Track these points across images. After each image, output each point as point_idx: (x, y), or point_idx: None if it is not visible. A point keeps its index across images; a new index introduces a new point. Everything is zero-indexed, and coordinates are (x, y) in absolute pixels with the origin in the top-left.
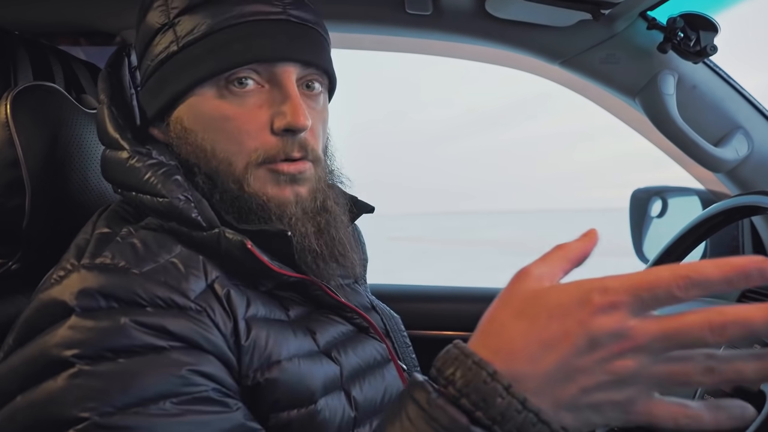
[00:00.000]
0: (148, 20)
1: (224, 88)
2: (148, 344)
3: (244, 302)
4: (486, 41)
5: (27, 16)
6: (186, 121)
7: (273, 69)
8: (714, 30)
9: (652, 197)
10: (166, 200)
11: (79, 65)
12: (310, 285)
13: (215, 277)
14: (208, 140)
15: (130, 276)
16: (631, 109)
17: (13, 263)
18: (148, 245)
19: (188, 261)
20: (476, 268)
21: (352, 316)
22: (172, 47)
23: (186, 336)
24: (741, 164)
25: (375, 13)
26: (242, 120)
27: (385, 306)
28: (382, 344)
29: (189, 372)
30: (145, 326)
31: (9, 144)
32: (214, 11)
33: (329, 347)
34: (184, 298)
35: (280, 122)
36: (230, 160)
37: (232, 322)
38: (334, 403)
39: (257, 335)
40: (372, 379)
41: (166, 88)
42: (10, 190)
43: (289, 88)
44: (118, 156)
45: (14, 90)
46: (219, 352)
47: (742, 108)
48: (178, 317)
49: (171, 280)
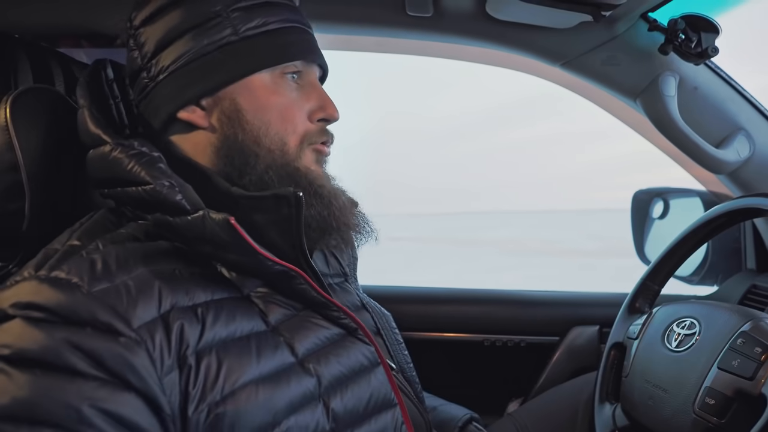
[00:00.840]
0: (186, 9)
1: (279, 77)
2: (69, 367)
3: (198, 331)
4: (487, 43)
5: (29, 19)
6: (243, 103)
7: (307, 68)
8: (715, 31)
9: (654, 198)
10: (150, 187)
11: (79, 68)
12: (295, 277)
13: (170, 307)
14: (264, 121)
15: (77, 294)
16: (632, 111)
17: (12, 266)
18: (108, 263)
19: (142, 286)
20: (476, 270)
21: (339, 315)
22: (229, 37)
23: (113, 366)
24: (742, 166)
25: (376, 15)
26: (294, 106)
27: (375, 303)
28: (371, 347)
29: (89, 408)
30: (77, 348)
31: (8, 148)
32: (269, 12)
33: (308, 357)
34: (125, 325)
35: (320, 113)
36: (285, 139)
37: (173, 359)
38: (305, 420)
39: (208, 367)
40: (355, 387)
41: (221, 71)
42: (10, 193)
43: (319, 86)
44: (101, 151)
45: (14, 93)
46: (145, 389)
47: (743, 109)
48: (112, 343)
49: (118, 304)
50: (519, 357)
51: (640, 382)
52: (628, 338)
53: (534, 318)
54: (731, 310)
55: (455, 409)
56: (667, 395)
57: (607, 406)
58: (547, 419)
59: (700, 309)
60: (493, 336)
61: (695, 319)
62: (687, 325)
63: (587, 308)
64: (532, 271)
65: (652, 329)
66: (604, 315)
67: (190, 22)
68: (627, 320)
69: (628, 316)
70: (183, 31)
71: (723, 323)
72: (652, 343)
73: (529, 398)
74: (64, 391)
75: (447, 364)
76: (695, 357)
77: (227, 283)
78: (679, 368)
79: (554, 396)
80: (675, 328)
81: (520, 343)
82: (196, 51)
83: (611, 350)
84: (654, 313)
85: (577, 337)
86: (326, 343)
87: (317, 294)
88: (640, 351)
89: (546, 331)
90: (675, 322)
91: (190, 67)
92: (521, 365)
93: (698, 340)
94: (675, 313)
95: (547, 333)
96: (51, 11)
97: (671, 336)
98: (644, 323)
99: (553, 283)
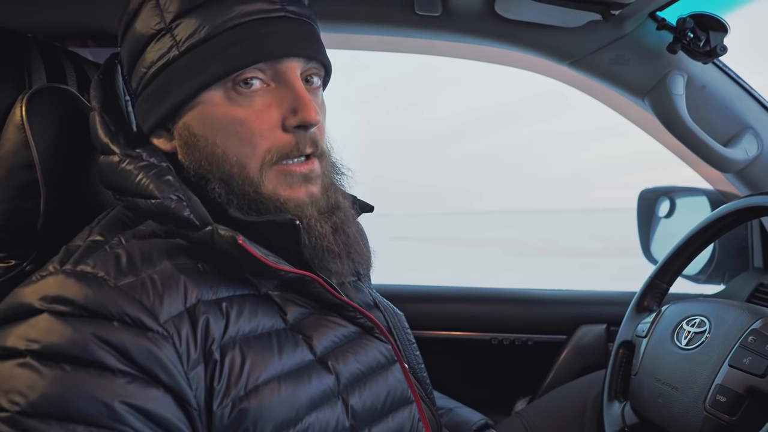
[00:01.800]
0: (137, 27)
1: (232, 90)
2: (98, 362)
3: (222, 325)
4: (495, 42)
5: (33, 19)
6: (195, 127)
7: (278, 66)
8: (724, 30)
9: (660, 197)
10: (158, 201)
11: (90, 67)
12: (310, 282)
13: (195, 301)
14: (219, 144)
15: (104, 288)
16: (640, 110)
17: (27, 264)
18: (132, 258)
19: (168, 280)
20: (479, 269)
21: (356, 315)
22: (172, 52)
23: (141, 360)
24: (750, 164)
25: (384, 14)
26: (253, 121)
27: (388, 303)
28: (387, 345)
29: (121, 405)
30: (104, 342)
31: (24, 146)
32: (214, 13)
33: (327, 354)
34: (152, 320)
35: (293, 119)
36: (243, 162)
37: (199, 353)
38: (325, 417)
39: (232, 362)
40: (373, 384)
41: (169, 94)
42: (26, 191)
43: (296, 85)
44: (111, 160)
45: (29, 92)
46: (173, 383)
47: (751, 108)
48: (140, 338)
49: (145, 299)
50: (526, 355)
51: (649, 380)
52: (637, 336)
53: (541, 316)
54: (741, 308)
55: (470, 414)
56: (677, 393)
57: (615, 404)
58: (555, 417)
59: (709, 307)
60: (500, 334)
61: (705, 317)
62: (697, 323)
63: (594, 307)
64: (535, 270)
65: (662, 327)
66: (611, 313)
67: (142, 40)
68: (635, 318)
69: (636, 315)
70: (139, 51)
71: (733, 321)
72: (662, 341)
73: (536, 397)
74: (94, 387)
75: (454, 363)
76: (706, 355)
77: (247, 281)
78: (690, 366)
79: (562, 394)
80: (685, 326)
81: (527, 342)
82: (149, 74)
83: (620, 348)
84: (663, 311)
85: (585, 335)
86: (344, 341)
87: (333, 296)
88: (649, 349)
89: (553, 329)
90: (684, 320)
91: (147, 92)
92: (529, 364)
93: (708, 338)
94: (684, 311)
95: (555, 331)
96: (58, 10)
97: (681, 334)
98: (653, 321)
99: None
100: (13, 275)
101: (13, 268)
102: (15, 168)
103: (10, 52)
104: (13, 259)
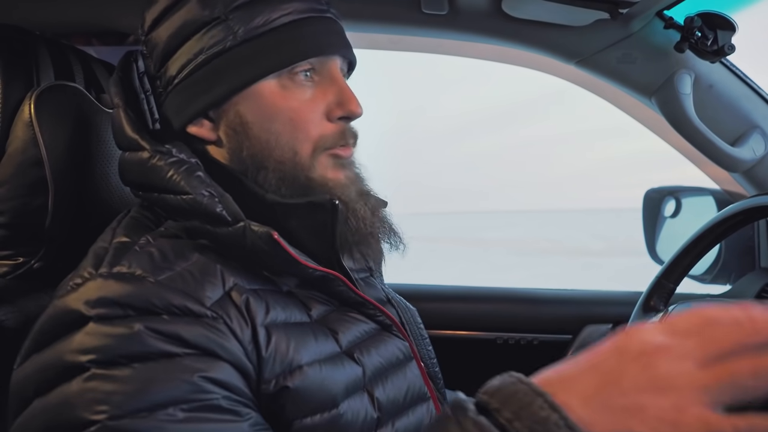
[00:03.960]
0: (183, 15)
1: (287, 79)
2: (162, 351)
3: (263, 308)
4: (502, 41)
5: (38, 17)
6: (247, 115)
7: (325, 62)
8: (731, 29)
9: (666, 197)
10: (189, 197)
11: (98, 65)
12: (333, 280)
13: (233, 284)
14: (272, 131)
15: (146, 284)
16: (647, 109)
17: (35, 262)
18: (165, 254)
19: (204, 269)
20: (484, 270)
21: (375, 313)
22: (228, 41)
23: (199, 343)
24: (758, 164)
25: (391, 13)
26: (305, 110)
27: (401, 298)
28: (405, 342)
29: (200, 379)
30: (159, 333)
31: (33, 144)
32: (272, 8)
33: (352, 347)
34: (199, 305)
35: (338, 110)
36: (296, 148)
37: (250, 329)
38: (356, 405)
39: (278, 341)
40: (394, 378)
41: (223, 80)
42: (34, 189)
43: (340, 80)
44: (139, 156)
45: (37, 90)
46: (234, 359)
47: (759, 107)
48: (192, 324)
49: (187, 287)
50: (532, 355)
51: None
52: None
53: (547, 316)
54: None
55: None
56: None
57: None
58: None
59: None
60: (505, 334)
61: None
62: None
63: (600, 306)
64: (539, 270)
65: None
66: (616, 313)
67: (190, 27)
68: (642, 318)
69: (643, 314)
70: (184, 37)
71: None
72: None
73: None
74: (169, 371)
75: (460, 362)
76: None
77: (268, 279)
78: None
79: None
80: None
81: (533, 341)
82: (197, 60)
83: None
84: (670, 312)
85: (590, 335)
86: (365, 336)
87: (355, 294)
88: None
89: (559, 329)
90: None
91: (193, 78)
92: (534, 363)
93: None
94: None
95: (560, 331)
96: (63, 8)
97: None
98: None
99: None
100: (21, 272)
101: (22, 266)
102: (24, 165)
103: (19, 49)
104: (22, 257)
